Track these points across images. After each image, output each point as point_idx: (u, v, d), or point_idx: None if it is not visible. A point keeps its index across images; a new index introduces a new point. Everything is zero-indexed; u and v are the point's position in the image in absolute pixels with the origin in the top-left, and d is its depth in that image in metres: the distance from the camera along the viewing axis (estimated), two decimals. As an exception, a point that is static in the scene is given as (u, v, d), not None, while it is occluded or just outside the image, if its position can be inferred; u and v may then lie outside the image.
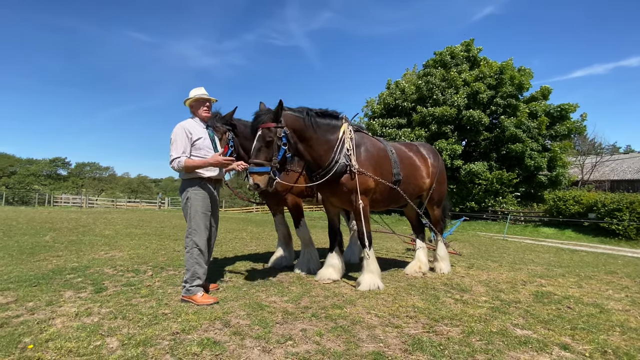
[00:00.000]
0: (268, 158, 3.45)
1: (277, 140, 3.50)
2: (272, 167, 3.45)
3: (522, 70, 22.05)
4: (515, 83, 20.85)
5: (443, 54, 23.01)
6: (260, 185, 3.38)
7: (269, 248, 6.97)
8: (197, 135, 3.38)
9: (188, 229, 3.33)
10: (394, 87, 24.14)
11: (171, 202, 31.01)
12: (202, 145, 3.40)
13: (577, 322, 3.16)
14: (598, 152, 30.56)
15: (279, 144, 3.51)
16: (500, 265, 6.13)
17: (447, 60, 22.73)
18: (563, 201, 16.83)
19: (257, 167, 3.39)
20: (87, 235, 7.80)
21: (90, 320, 2.75)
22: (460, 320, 3.04)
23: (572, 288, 4.60)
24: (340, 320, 2.94)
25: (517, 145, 19.85)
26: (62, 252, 5.66)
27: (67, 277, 4.01)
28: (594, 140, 31.92)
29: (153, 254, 5.79)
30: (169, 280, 4.03)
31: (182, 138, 3.30)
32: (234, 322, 2.80)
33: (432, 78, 21.97)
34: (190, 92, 3.53)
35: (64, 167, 52.13)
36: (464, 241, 10.93)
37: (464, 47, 23.04)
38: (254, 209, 31.64)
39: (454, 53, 22.82)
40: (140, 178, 63.42)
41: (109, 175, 57.00)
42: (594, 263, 7.48)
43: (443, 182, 5.08)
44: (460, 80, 21.17)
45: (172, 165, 3.26)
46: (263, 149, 3.46)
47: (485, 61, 22.52)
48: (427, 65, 24.01)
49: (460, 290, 4.11)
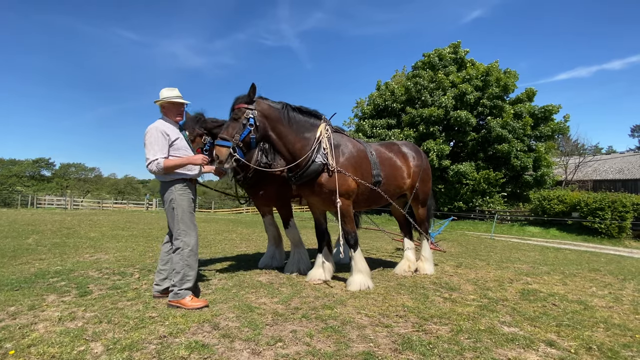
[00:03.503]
0: (232, 134, 3.63)
1: (243, 119, 3.66)
2: (233, 143, 3.60)
3: (507, 72, 22.43)
4: (501, 85, 21.22)
5: (431, 56, 23.28)
6: (220, 157, 3.56)
7: (259, 249, 6.92)
8: (175, 136, 3.32)
9: (177, 231, 3.22)
10: (384, 89, 24.31)
11: (159, 204, 30.59)
12: (180, 146, 3.35)
13: (562, 319, 3.22)
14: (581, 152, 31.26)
15: (244, 123, 3.66)
16: (487, 264, 6.21)
17: (435, 62, 23.00)
18: (548, 200, 17.18)
19: (221, 140, 3.61)
20: (71, 238, 7.62)
21: (74, 324, 2.68)
22: (449, 319, 3.06)
23: (557, 285, 4.69)
24: (331, 320, 2.93)
25: (503, 145, 20.19)
26: (45, 255, 5.51)
27: (51, 281, 3.90)
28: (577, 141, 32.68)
29: (140, 256, 5.69)
30: (157, 282, 3.95)
31: (159, 140, 3.20)
32: (223, 325, 2.76)
33: (421, 80, 22.20)
34: (163, 92, 3.39)
35: (48, 168, 50.93)
36: (452, 240, 11.05)
37: (451, 49, 23.35)
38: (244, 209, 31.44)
39: (441, 55, 23.09)
40: (128, 179, 62.35)
41: (95, 176, 55.90)
42: (578, 261, 7.65)
43: (427, 181, 5.09)
44: (447, 81, 21.44)
45: (149, 167, 3.16)
46: (230, 126, 3.68)
47: (472, 63, 22.87)
48: (415, 67, 24.26)
49: (449, 289, 4.14)
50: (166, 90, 3.39)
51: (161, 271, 3.44)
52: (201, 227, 11.31)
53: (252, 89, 3.71)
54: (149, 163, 3.16)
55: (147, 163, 3.17)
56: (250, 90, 3.71)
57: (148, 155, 3.17)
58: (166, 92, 3.39)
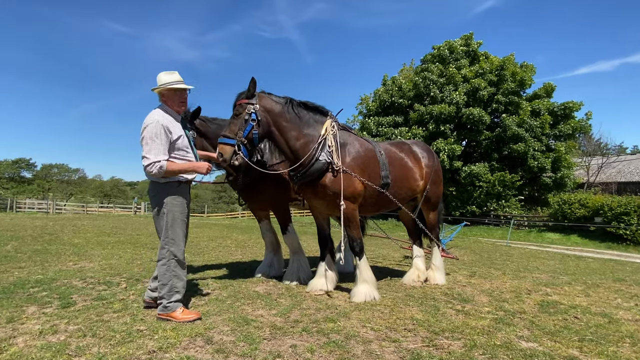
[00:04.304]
0: (234, 132, 3.69)
1: (245, 115, 3.71)
2: (237, 141, 3.66)
3: (524, 66, 22.46)
4: (517, 79, 21.22)
5: (441, 48, 23.30)
6: (224, 155, 3.62)
7: (256, 257, 6.92)
8: (177, 133, 3.19)
9: (164, 239, 3.14)
10: (390, 84, 24.34)
11: (148, 207, 30.66)
12: (181, 145, 3.23)
13: (585, 333, 3.20)
14: (604, 152, 31.25)
15: (247, 119, 3.70)
16: (503, 274, 6.20)
17: (446, 55, 23.03)
18: (568, 204, 17.14)
19: (224, 138, 3.68)
20: (53, 244, 7.63)
21: (56, 338, 2.68)
22: (462, 333, 3.05)
23: (579, 297, 4.67)
24: (334, 334, 2.92)
25: (519, 145, 20.17)
26: (25, 262, 5.52)
27: (31, 291, 3.90)
28: (599, 141, 32.67)
29: (127, 264, 5.69)
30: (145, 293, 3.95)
31: (161, 137, 3.03)
32: (217, 339, 2.76)
33: (430, 74, 22.23)
34: (161, 77, 3.20)
35: (29, 169, 51.10)
36: (464, 248, 11.02)
37: (463, 42, 23.37)
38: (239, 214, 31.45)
39: (452, 47, 23.12)
40: (114, 181, 62.57)
41: (79, 178, 56.09)
42: (601, 270, 7.62)
43: (439, 183, 5.10)
44: (459, 76, 21.46)
45: (150, 169, 2.98)
46: (232, 123, 3.75)
47: (485, 56, 22.90)
48: (424, 61, 24.29)
49: (461, 300, 4.13)
50: (165, 75, 3.22)
51: (156, 278, 3.31)
52: (193, 232, 11.32)
53: (252, 83, 3.76)
54: (150, 164, 2.97)
55: (147, 164, 2.97)
56: (250, 84, 3.76)
57: (148, 155, 2.99)
58: (165, 76, 3.21)
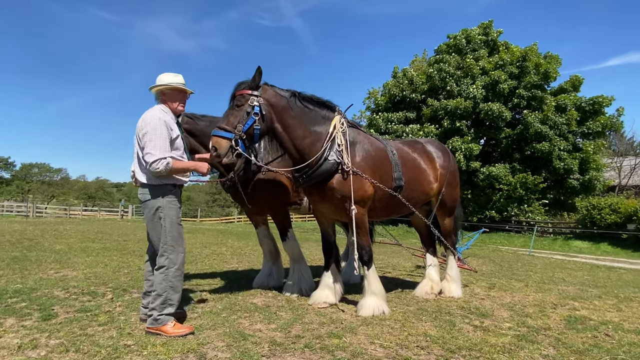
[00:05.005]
0: (233, 124, 3.59)
1: (247, 107, 3.63)
2: (235, 135, 3.55)
3: (548, 56, 22.40)
4: (540, 72, 21.17)
5: (458, 37, 23.31)
6: (218, 150, 3.50)
7: (253, 265, 6.93)
8: (176, 132, 3.33)
9: (163, 246, 3.21)
10: (401, 76, 24.37)
11: (135, 211, 30.80)
12: (179, 145, 3.35)
13: (617, 352, 3.18)
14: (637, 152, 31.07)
15: (249, 112, 3.63)
16: (526, 286, 6.18)
17: (463, 45, 23.03)
18: (598, 210, 17.05)
19: (220, 130, 3.56)
20: (33, 251, 7.68)
21: (36, 353, 2.69)
22: (480, 351, 3.03)
23: (610, 312, 4.64)
24: (339, 351, 2.91)
25: (543, 144, 20.09)
26: (2, 270, 5.56)
27: (9, 302, 3.93)
28: (632, 139, 32.51)
29: (114, 273, 5.72)
30: (133, 304, 3.97)
31: (164, 133, 3.17)
32: (211, 355, 2.76)
33: (445, 66, 22.22)
34: (163, 78, 3.37)
35: (7, 168, 51.63)
36: (483, 257, 10.98)
37: (481, 30, 23.37)
38: (235, 218, 31.55)
39: (470, 37, 23.12)
40: (99, 182, 63.02)
41: (62, 179, 56.54)
42: (635, 282, 7.57)
43: (455, 185, 5.10)
44: (477, 68, 21.44)
45: (156, 166, 3.07)
46: (231, 115, 3.66)
47: (506, 46, 22.88)
48: (439, 51, 24.29)
49: (479, 315, 4.11)
50: (170, 76, 3.39)
51: (148, 294, 3.41)
52: (185, 239, 11.31)
53: (258, 72, 3.71)
54: (156, 161, 3.07)
55: (153, 160, 3.08)
56: (256, 74, 3.70)
57: (153, 151, 3.09)
58: (170, 77, 3.38)
